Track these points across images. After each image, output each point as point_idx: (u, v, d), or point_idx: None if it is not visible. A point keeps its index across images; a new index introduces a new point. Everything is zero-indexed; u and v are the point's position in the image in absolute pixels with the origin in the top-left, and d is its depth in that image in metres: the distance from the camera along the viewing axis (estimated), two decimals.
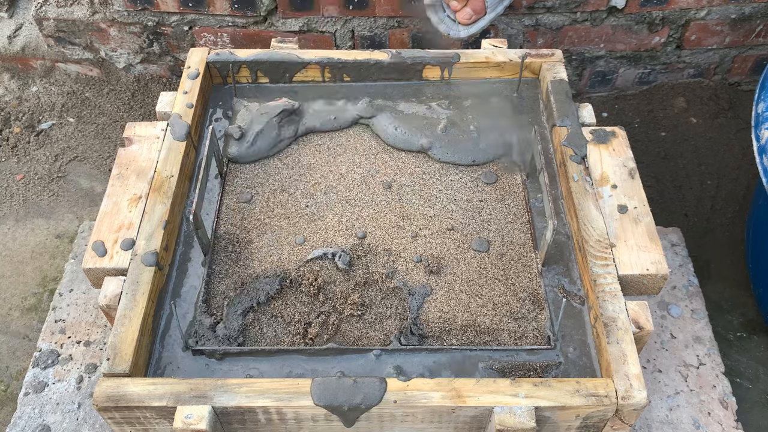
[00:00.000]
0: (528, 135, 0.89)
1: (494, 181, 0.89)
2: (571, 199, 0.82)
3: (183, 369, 0.72)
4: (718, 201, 1.23)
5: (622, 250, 0.77)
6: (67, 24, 1.30)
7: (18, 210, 1.24)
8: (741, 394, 0.98)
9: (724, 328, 1.06)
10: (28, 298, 1.12)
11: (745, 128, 1.32)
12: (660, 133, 1.33)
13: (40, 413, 0.90)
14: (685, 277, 1.03)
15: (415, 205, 0.86)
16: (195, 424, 0.64)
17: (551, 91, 0.92)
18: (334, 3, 1.20)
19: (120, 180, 0.83)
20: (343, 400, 0.66)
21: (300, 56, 0.96)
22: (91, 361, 0.94)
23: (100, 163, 1.31)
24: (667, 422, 0.89)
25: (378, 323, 0.75)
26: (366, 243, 0.82)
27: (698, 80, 1.37)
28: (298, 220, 0.84)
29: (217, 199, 0.86)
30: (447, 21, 1.10)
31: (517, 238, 0.83)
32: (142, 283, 0.74)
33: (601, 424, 0.69)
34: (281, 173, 0.89)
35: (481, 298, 0.78)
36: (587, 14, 1.23)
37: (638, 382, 0.67)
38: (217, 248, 0.81)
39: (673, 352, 0.95)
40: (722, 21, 1.26)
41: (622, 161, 0.85)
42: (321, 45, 1.27)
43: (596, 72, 1.34)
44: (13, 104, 1.38)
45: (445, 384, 0.67)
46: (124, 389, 0.66)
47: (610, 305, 0.72)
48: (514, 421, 0.65)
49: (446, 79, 0.98)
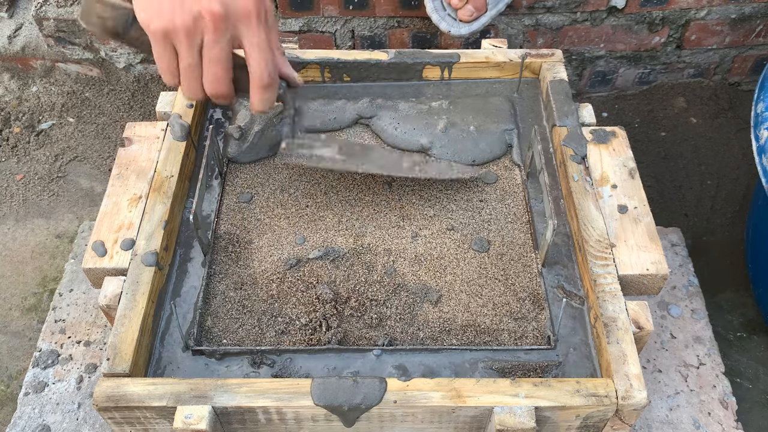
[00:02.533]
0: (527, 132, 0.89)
1: (494, 181, 0.89)
2: (571, 199, 0.82)
3: (183, 369, 0.72)
4: (718, 201, 1.23)
5: (622, 250, 0.77)
6: (67, 24, 1.30)
7: (18, 210, 1.24)
8: (741, 394, 0.98)
9: (724, 328, 1.06)
10: (28, 298, 1.12)
11: (745, 128, 1.32)
12: (660, 133, 1.33)
13: (40, 413, 0.90)
14: (685, 277, 1.03)
15: (415, 205, 0.86)
16: (195, 424, 0.64)
17: (551, 91, 0.92)
18: (334, 3, 1.20)
19: (120, 180, 0.83)
20: (343, 400, 0.66)
21: (300, 56, 0.96)
22: (91, 361, 0.94)
23: (100, 163, 1.31)
24: (667, 422, 0.89)
25: (378, 323, 0.75)
26: (366, 243, 0.82)
27: (698, 80, 1.37)
28: (298, 220, 0.84)
29: (217, 199, 0.86)
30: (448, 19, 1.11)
31: (517, 238, 0.83)
32: (142, 283, 0.74)
33: (601, 424, 0.69)
34: (281, 173, 0.89)
35: (481, 298, 0.78)
36: (587, 14, 1.23)
37: (638, 382, 0.67)
38: (217, 248, 0.81)
39: (673, 352, 0.95)
40: (722, 21, 1.26)
41: (622, 161, 0.85)
42: (321, 45, 1.27)
43: (596, 72, 1.34)
44: (13, 104, 1.38)
45: (445, 384, 0.67)
46: (124, 389, 0.66)
47: (610, 305, 0.72)
48: (514, 421, 0.65)
49: (446, 79, 0.98)
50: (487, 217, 0.85)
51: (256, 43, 0.68)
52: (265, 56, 0.69)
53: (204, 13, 0.65)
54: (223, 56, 0.68)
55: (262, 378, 0.71)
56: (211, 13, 0.65)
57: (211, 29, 0.66)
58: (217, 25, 0.66)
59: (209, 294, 0.78)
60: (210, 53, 0.67)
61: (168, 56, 0.68)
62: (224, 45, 0.67)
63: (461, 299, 0.77)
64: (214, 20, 0.65)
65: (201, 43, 0.67)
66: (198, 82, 0.70)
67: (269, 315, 0.76)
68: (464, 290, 0.78)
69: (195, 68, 0.68)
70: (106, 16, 0.70)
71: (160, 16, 0.65)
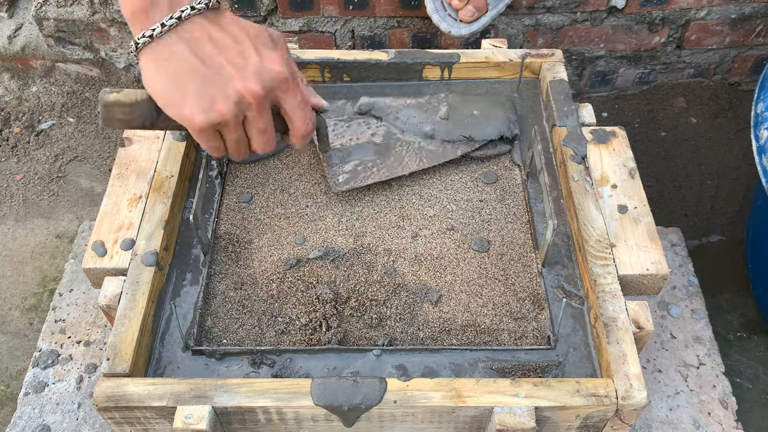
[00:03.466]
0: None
1: (494, 181, 0.89)
2: (571, 199, 0.82)
3: (183, 369, 0.72)
4: (718, 201, 1.23)
5: (622, 250, 0.77)
6: (67, 24, 1.30)
7: (18, 210, 1.24)
8: (741, 394, 0.98)
9: (724, 328, 1.06)
10: (28, 298, 1.12)
11: (745, 128, 1.32)
12: (660, 133, 1.33)
13: (40, 413, 0.90)
14: (685, 277, 1.03)
15: (415, 205, 0.86)
16: (195, 424, 0.64)
17: (551, 91, 0.92)
18: (334, 3, 1.20)
19: (120, 180, 0.83)
20: (343, 400, 0.66)
21: (300, 56, 0.96)
22: (91, 361, 0.94)
23: (100, 163, 1.31)
24: (667, 422, 0.89)
25: (378, 323, 0.75)
26: (366, 243, 0.82)
27: (698, 80, 1.37)
28: (298, 220, 0.84)
29: (217, 199, 0.86)
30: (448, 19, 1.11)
31: (517, 238, 0.83)
32: (142, 283, 0.74)
33: (601, 424, 0.69)
34: (281, 173, 0.89)
35: (481, 298, 0.78)
36: (587, 14, 1.24)
37: (638, 382, 0.67)
38: (217, 248, 0.81)
39: (673, 352, 0.95)
40: (722, 21, 1.26)
41: (622, 161, 0.85)
42: (321, 45, 1.27)
43: (596, 72, 1.34)
44: (13, 104, 1.38)
45: (445, 384, 0.67)
46: (124, 389, 0.66)
47: (610, 305, 0.72)
48: (514, 421, 0.65)
49: (446, 79, 0.98)
50: (487, 217, 0.85)
51: (296, 104, 0.68)
52: (304, 113, 0.69)
53: (246, 96, 0.63)
54: (269, 124, 0.67)
55: (262, 378, 0.71)
56: (254, 95, 0.63)
57: (255, 107, 0.64)
58: (260, 102, 0.64)
59: (209, 294, 0.78)
60: (257, 125, 0.66)
61: (214, 139, 0.67)
62: (267, 115, 0.67)
63: (461, 299, 0.77)
64: (257, 100, 0.64)
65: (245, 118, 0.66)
66: (246, 148, 0.69)
67: (269, 315, 0.76)
68: (464, 290, 0.78)
69: (242, 140, 0.68)
70: (130, 118, 0.67)
71: (202, 111, 0.63)
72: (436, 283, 0.79)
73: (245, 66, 0.63)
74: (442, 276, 0.79)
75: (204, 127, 0.64)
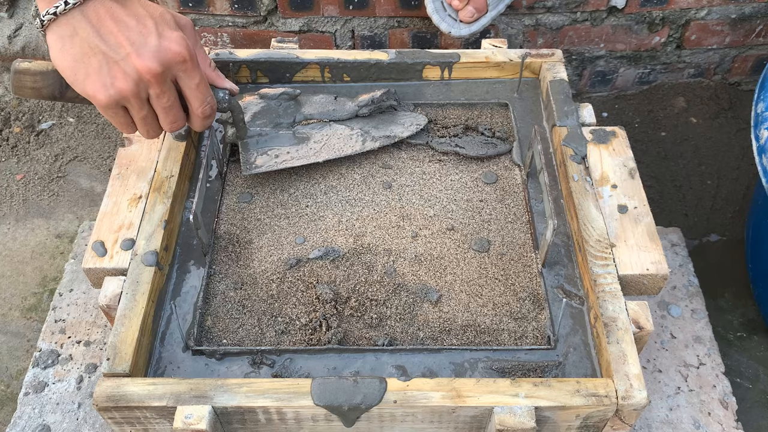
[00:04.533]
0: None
1: (494, 181, 0.89)
2: (571, 199, 0.82)
3: (183, 369, 0.72)
4: (718, 201, 1.23)
5: (622, 250, 0.77)
6: None
7: (18, 210, 1.24)
8: (741, 394, 0.98)
9: (724, 328, 1.06)
10: (28, 298, 1.12)
11: (745, 128, 1.32)
12: (660, 133, 1.33)
13: (40, 413, 0.90)
14: (685, 277, 1.03)
15: (415, 205, 0.86)
16: (195, 424, 0.64)
17: (551, 91, 0.92)
18: (334, 3, 1.20)
19: (120, 180, 0.83)
20: (343, 400, 0.66)
21: (300, 56, 0.96)
22: (91, 361, 0.94)
23: (100, 163, 1.31)
24: (667, 422, 0.89)
25: (378, 323, 0.75)
26: (366, 243, 0.82)
27: (698, 80, 1.37)
28: (298, 220, 0.84)
29: (217, 199, 0.86)
30: (448, 20, 1.11)
31: (517, 238, 0.83)
32: (142, 283, 0.74)
33: (601, 424, 0.69)
34: (281, 173, 0.89)
35: (481, 298, 0.78)
36: (587, 14, 1.24)
37: (638, 382, 0.67)
38: (217, 248, 0.81)
39: (673, 352, 0.95)
40: (722, 21, 1.26)
41: (622, 161, 0.85)
42: (321, 45, 1.27)
43: (596, 72, 1.34)
44: (13, 104, 1.38)
45: (445, 384, 0.67)
46: (124, 389, 0.66)
47: (610, 305, 0.72)
48: (514, 421, 0.65)
49: (446, 79, 0.98)
50: (487, 217, 0.85)
51: (194, 85, 0.70)
52: (202, 95, 0.72)
53: (143, 73, 0.66)
54: (173, 101, 0.70)
55: (262, 378, 0.71)
56: (151, 73, 0.66)
57: (155, 84, 0.67)
58: (158, 79, 0.67)
59: (209, 294, 0.78)
60: (161, 103, 0.70)
61: (121, 116, 0.70)
62: (170, 92, 0.69)
63: (461, 299, 0.77)
64: (155, 77, 0.67)
65: (148, 95, 0.69)
66: (155, 126, 0.72)
67: (269, 315, 0.76)
68: (464, 290, 0.78)
69: (149, 117, 0.71)
70: (39, 86, 0.70)
71: (104, 88, 0.66)
72: (436, 283, 0.79)
73: (144, 44, 0.66)
74: (442, 276, 0.79)
75: (107, 104, 0.67)
